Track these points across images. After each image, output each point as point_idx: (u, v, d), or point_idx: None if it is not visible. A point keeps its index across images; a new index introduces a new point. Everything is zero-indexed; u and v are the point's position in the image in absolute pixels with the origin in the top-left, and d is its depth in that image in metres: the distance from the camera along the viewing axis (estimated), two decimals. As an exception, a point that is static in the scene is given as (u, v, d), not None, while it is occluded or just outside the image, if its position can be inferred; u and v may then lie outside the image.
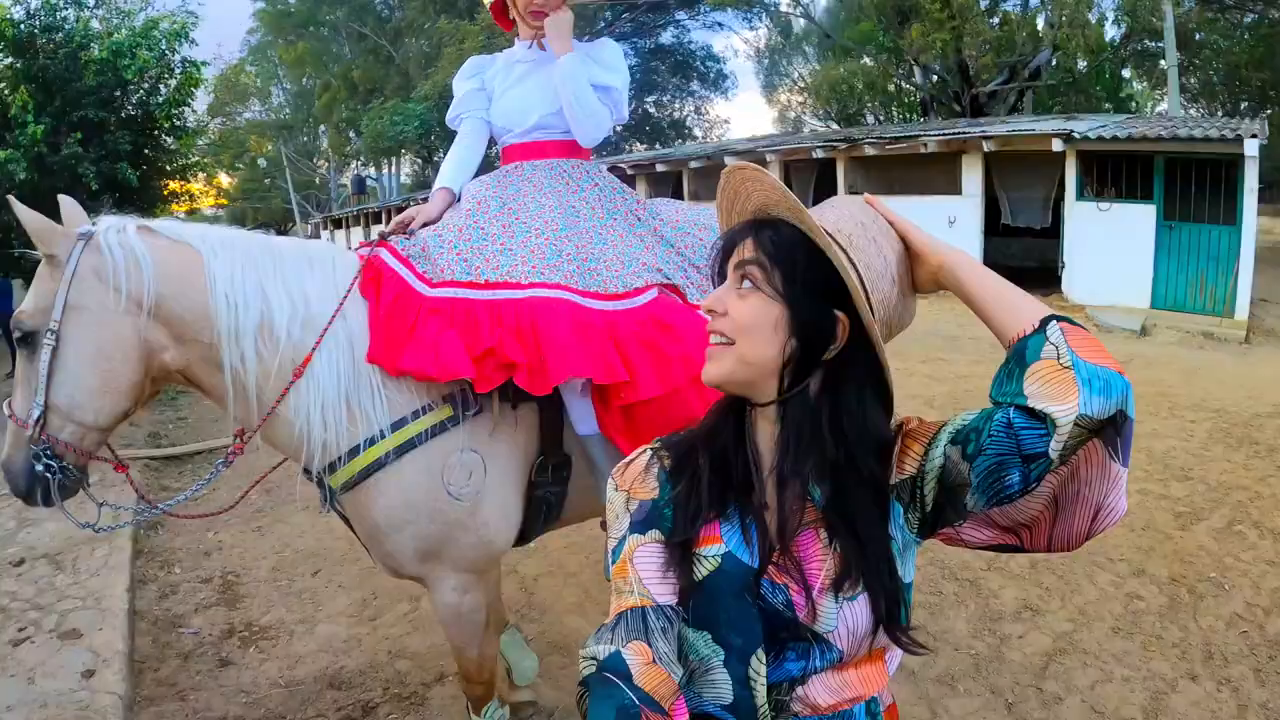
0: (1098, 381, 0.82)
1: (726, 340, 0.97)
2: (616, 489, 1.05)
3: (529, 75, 2.28)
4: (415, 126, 24.48)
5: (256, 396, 1.81)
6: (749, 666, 0.95)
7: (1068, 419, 0.81)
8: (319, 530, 4.40)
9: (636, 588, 0.95)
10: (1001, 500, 0.88)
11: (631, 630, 0.92)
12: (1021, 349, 0.89)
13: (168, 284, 1.73)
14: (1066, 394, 0.82)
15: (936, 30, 17.60)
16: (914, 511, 0.97)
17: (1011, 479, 0.86)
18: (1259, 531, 4.18)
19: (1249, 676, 2.94)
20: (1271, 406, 6.63)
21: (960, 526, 0.95)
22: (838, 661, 0.97)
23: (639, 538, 0.99)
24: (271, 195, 39.70)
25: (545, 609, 3.46)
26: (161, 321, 1.75)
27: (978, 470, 0.89)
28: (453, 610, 2.05)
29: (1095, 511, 0.87)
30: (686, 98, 32.93)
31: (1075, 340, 0.86)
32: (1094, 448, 0.84)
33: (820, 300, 0.95)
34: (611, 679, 0.87)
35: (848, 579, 0.94)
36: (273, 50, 35.83)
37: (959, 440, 0.91)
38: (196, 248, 1.78)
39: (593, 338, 1.88)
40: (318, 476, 1.93)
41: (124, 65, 8.22)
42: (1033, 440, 0.84)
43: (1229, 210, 10.49)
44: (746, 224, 1.02)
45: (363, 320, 1.90)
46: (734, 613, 0.96)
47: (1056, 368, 0.84)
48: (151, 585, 3.88)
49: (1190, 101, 23.04)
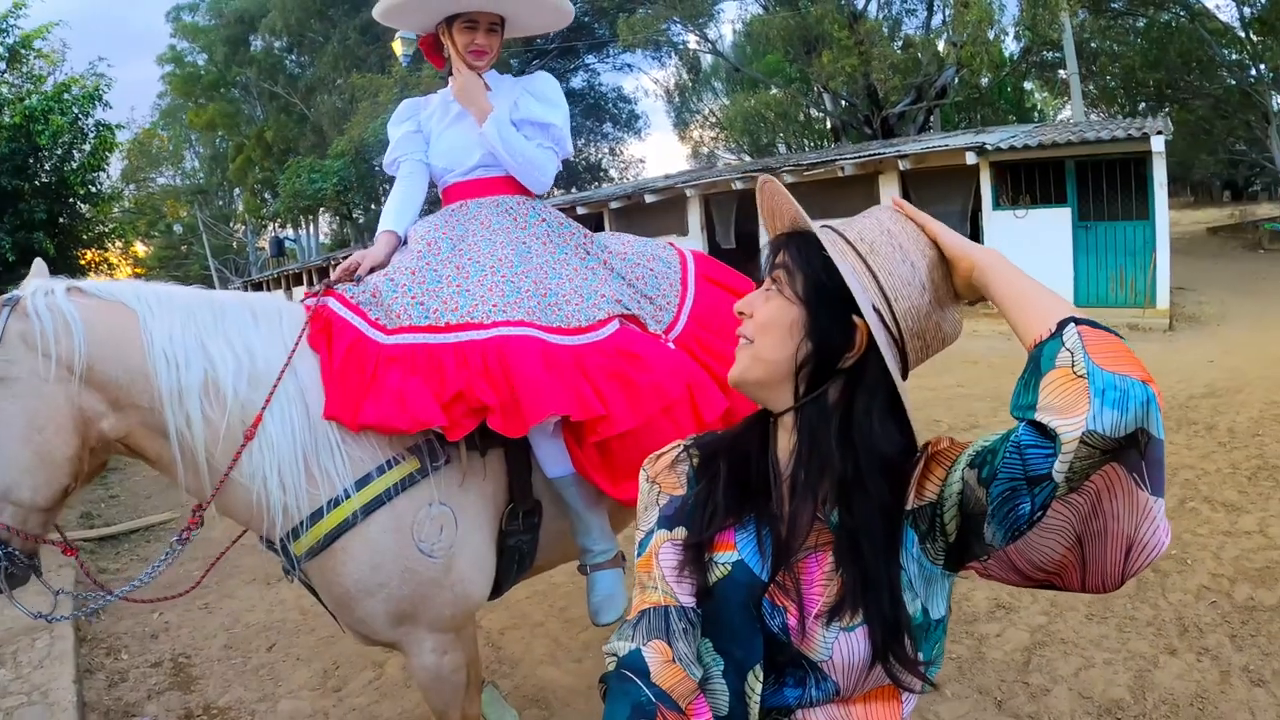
0: (1113, 392, 0.71)
1: (749, 340, 0.98)
2: (648, 479, 1.05)
3: (466, 114, 2.22)
4: (333, 183, 24.22)
5: (207, 462, 1.67)
6: (745, 681, 0.93)
7: (1073, 435, 0.72)
8: (269, 602, 4.19)
9: (660, 585, 0.95)
10: (1015, 534, 0.81)
11: (653, 629, 0.91)
12: (1038, 356, 0.80)
13: (100, 346, 1.58)
14: (1076, 406, 0.73)
15: (844, 57, 18.18)
16: (935, 541, 0.90)
17: (1023, 508, 0.78)
18: (1210, 505, 4.32)
19: (1226, 643, 3.00)
20: (1203, 387, 6.92)
21: (987, 563, 0.89)
22: (835, 695, 0.93)
23: (666, 533, 0.99)
24: (189, 262, 38.81)
25: (516, 662, 3.34)
26: (95, 387, 1.59)
27: (993, 497, 0.80)
28: (432, 673, 1.92)
29: (1128, 548, 0.79)
30: (600, 140, 33.23)
31: (1094, 345, 0.76)
32: (1115, 474, 0.75)
33: (840, 307, 0.92)
34: (629, 676, 0.87)
35: (846, 609, 0.90)
36: (184, 113, 35.19)
37: (976, 463, 0.84)
38: (131, 306, 1.64)
39: (564, 373, 1.82)
40: (280, 544, 1.78)
41: (37, 130, 7.98)
42: (1037, 460, 0.75)
43: (1141, 206, 11.02)
44: (783, 234, 1.03)
45: (315, 374, 1.78)
46: (737, 624, 0.94)
47: (1070, 377, 0.75)
48: (99, 674, 3.63)
49: (1091, 107, 24.27)
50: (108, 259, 11.26)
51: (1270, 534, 3.90)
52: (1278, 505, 4.24)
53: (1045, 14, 15.01)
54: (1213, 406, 6.30)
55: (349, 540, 1.74)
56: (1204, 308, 11.57)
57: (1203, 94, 21.62)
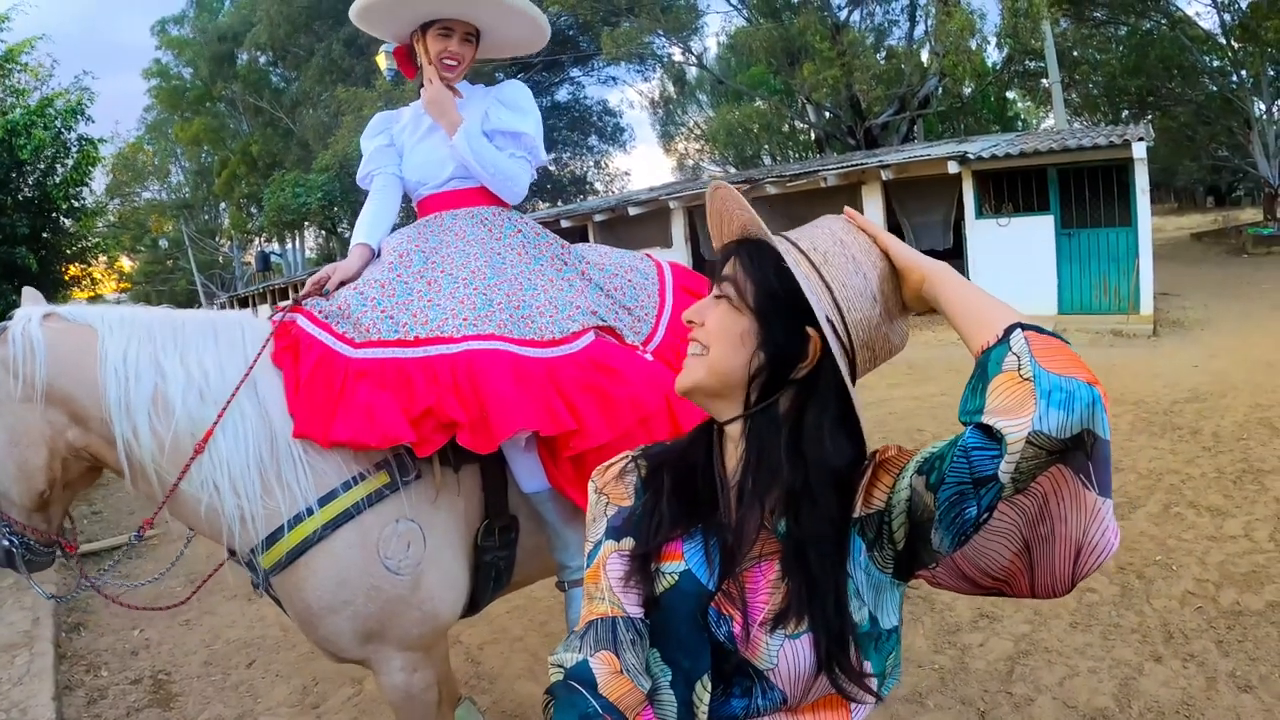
0: (1058, 394, 0.72)
1: (702, 348, 0.97)
2: (596, 490, 1.06)
3: (439, 126, 2.20)
4: (318, 198, 24.16)
5: (156, 473, 1.73)
6: (694, 691, 0.93)
7: (1019, 436, 0.73)
8: (249, 619, 4.15)
9: (608, 595, 0.95)
10: (962, 538, 0.81)
11: (601, 640, 0.91)
12: (985, 361, 0.81)
13: (59, 364, 1.69)
14: (1022, 408, 0.73)
15: (827, 68, 18.29)
16: (883, 549, 0.90)
17: (969, 511, 0.78)
18: (1195, 510, 4.33)
19: (1212, 649, 2.99)
20: (1188, 392, 6.95)
21: (936, 570, 0.88)
22: (782, 704, 0.93)
23: (613, 544, 0.99)
24: (175, 277, 38.58)
25: (494, 677, 3.30)
26: (56, 403, 1.70)
27: (941, 502, 0.81)
28: (402, 692, 1.89)
29: (1076, 551, 0.79)
30: (586, 153, 33.25)
31: (1040, 349, 0.77)
32: (1062, 476, 0.76)
33: (792, 317, 0.92)
34: (576, 687, 0.86)
35: (791, 616, 0.89)
36: (169, 127, 35.07)
37: (924, 470, 0.85)
38: (95, 327, 1.75)
39: (535, 388, 1.80)
40: (247, 559, 1.79)
41: (19, 144, 7.89)
42: (983, 462, 0.76)
43: (1123, 213, 11.07)
44: (734, 242, 1.02)
45: (278, 390, 1.79)
46: (685, 634, 0.93)
47: (1016, 379, 0.76)
48: (79, 690, 3.59)
49: (1074, 115, 24.49)
50: (91, 274, 11.19)
51: (1255, 538, 3.91)
52: (1263, 509, 4.25)
53: (1027, 23, 15.15)
54: (1197, 411, 6.32)
55: (314, 556, 1.73)
56: (1188, 313, 11.64)
57: (1185, 101, 21.85)
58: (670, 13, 21.18)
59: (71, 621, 4.36)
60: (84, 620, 4.40)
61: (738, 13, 23.89)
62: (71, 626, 4.28)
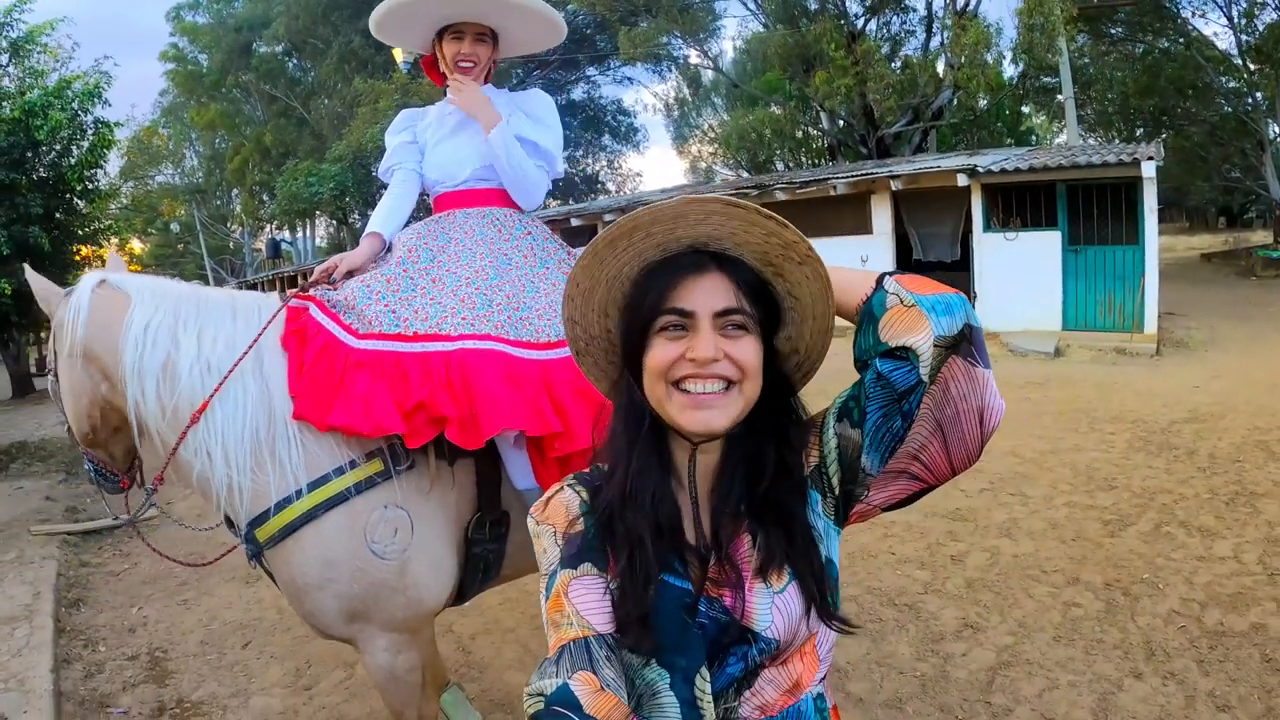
0: (940, 305, 0.90)
1: (729, 385, 0.95)
2: (539, 524, 1.04)
3: (461, 128, 2.27)
4: (330, 188, 24.18)
5: (158, 435, 1.86)
6: (694, 686, 0.95)
7: (927, 343, 0.89)
8: (247, 601, 4.22)
9: (575, 619, 0.93)
10: (891, 451, 0.93)
11: (576, 661, 0.89)
12: (869, 309, 0.96)
13: (94, 328, 1.86)
14: (918, 325, 0.90)
15: (841, 76, 18.29)
16: (825, 498, 1.00)
17: (896, 423, 0.92)
18: (1186, 530, 4.35)
19: (1193, 668, 3.02)
20: (1187, 412, 6.96)
21: (867, 497, 0.98)
22: (775, 652, 0.97)
23: (570, 572, 0.98)
24: (186, 261, 38.71)
25: (484, 667, 3.36)
26: (91, 360, 1.87)
27: (869, 431, 0.94)
28: (386, 672, 1.96)
29: (980, 415, 0.91)
30: (599, 153, 33.26)
31: (910, 283, 0.94)
32: (955, 363, 0.89)
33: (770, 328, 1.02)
34: (562, 712, 0.85)
35: (772, 565, 0.96)
36: (185, 112, 35.16)
37: (843, 415, 0.98)
38: (131, 296, 1.90)
39: (525, 388, 1.86)
40: (243, 531, 1.88)
41: (36, 125, 7.97)
42: (902, 376, 0.91)
43: (1131, 231, 11.08)
44: (701, 257, 0.97)
45: (281, 371, 1.88)
46: (676, 634, 0.95)
47: (902, 310, 0.92)
48: (76, 664, 3.66)
49: (1088, 132, 24.42)
50: (102, 255, 11.27)
51: (1244, 560, 3.94)
52: (1254, 531, 4.27)
53: (1042, 38, 15.13)
54: (1195, 432, 6.34)
55: (304, 534, 1.82)
56: (1193, 333, 11.63)
57: (1198, 120, 21.80)
58: (688, 14, 21.22)
59: (71, 597, 4.43)
60: (84, 596, 4.48)
61: (754, 18, 23.96)
62: (71, 602, 4.36)
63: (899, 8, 21.72)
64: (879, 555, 4.21)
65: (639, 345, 0.99)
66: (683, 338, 0.95)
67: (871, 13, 21.53)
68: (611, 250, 0.99)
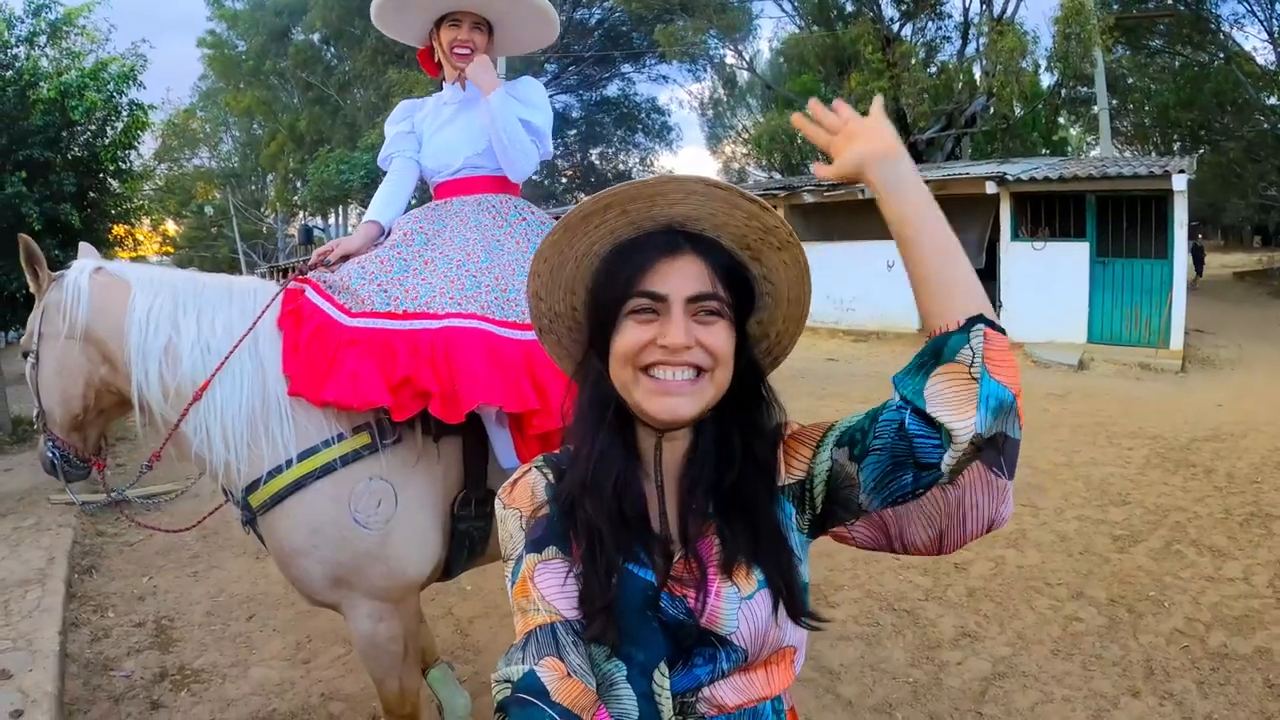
0: (994, 400, 0.80)
1: (706, 371, 0.93)
2: (505, 507, 1.02)
3: (455, 117, 2.34)
4: (361, 175, 24.40)
5: (161, 414, 1.95)
6: (652, 680, 0.93)
7: (965, 435, 0.80)
8: (254, 575, 4.30)
9: (541, 605, 0.92)
10: (895, 501, 0.89)
11: (543, 647, 0.89)
12: (941, 345, 0.85)
13: (96, 313, 1.95)
14: (964, 406, 0.81)
15: (875, 79, 18.16)
16: (803, 513, 0.98)
17: (905, 480, 0.87)
18: (1197, 549, 4.29)
19: (1192, 689, 2.97)
20: (1208, 431, 6.85)
21: (852, 525, 0.95)
22: (743, 662, 0.95)
23: (536, 556, 0.96)
24: (219, 244, 39.09)
25: (480, 650, 3.40)
26: (92, 343, 1.95)
27: (869, 470, 0.88)
28: (368, 639, 2.04)
29: (988, 525, 0.87)
30: (631, 150, 33.16)
31: (992, 353, 0.82)
32: (977, 470, 0.83)
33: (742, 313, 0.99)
34: (528, 699, 0.84)
35: (738, 558, 0.94)
36: (222, 96, 35.62)
37: (844, 442, 0.92)
38: (131, 283, 1.98)
39: (506, 366, 1.91)
40: (243, 499, 1.96)
41: (72, 106, 8.10)
42: (927, 450, 0.84)
43: (1160, 245, 10.92)
44: (675, 237, 0.95)
45: (276, 351, 1.96)
46: (634, 627, 0.93)
47: (966, 376, 0.82)
48: (84, 629, 3.76)
49: (1124, 144, 24.06)
50: (134, 235, 11.46)
51: (1254, 582, 3.88)
52: (1266, 554, 4.20)
53: (1078, 48, 14.93)
54: (1214, 450, 6.25)
55: (292, 502, 1.90)
56: (1220, 351, 11.44)
57: (1235, 136, 21.39)
58: (725, 13, 21.15)
59: (85, 564, 4.53)
60: (96, 564, 4.57)
61: (790, 20, 23.83)
62: (85, 569, 4.46)
63: (935, 13, 21.52)
64: (881, 559, 4.18)
65: (607, 326, 0.96)
66: (653, 321, 0.92)
67: (907, 17, 21.36)
68: (585, 225, 0.96)
